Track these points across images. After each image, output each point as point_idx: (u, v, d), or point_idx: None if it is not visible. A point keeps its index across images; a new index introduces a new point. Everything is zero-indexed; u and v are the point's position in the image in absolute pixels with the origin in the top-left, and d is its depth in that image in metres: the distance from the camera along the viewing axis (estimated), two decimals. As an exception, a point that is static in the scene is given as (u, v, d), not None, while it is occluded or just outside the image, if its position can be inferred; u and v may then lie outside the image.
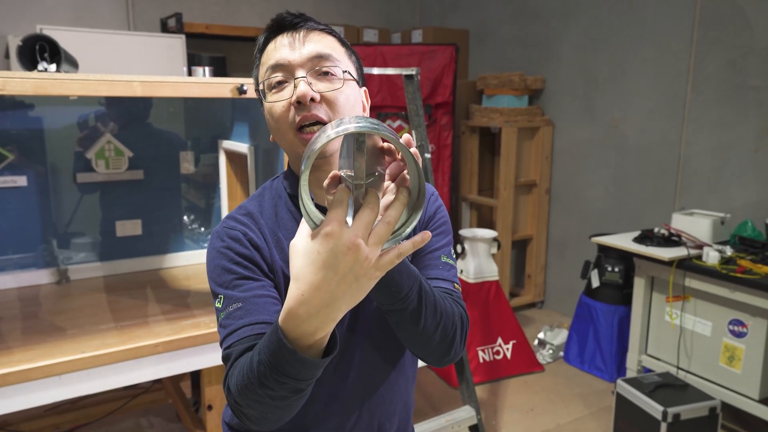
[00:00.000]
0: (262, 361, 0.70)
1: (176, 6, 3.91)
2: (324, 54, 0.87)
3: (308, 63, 0.87)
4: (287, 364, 0.67)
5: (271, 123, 0.90)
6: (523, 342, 3.19)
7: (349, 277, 0.63)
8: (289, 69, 0.87)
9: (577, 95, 3.69)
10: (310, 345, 0.68)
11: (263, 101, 0.91)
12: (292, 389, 0.70)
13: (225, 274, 0.87)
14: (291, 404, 0.74)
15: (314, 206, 0.65)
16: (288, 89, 0.87)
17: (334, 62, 0.88)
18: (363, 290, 0.66)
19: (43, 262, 2.15)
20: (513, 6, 4.10)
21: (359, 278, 0.64)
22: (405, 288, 0.77)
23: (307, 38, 0.88)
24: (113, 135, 2.18)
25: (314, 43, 0.88)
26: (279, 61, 0.87)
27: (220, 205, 2.32)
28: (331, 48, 0.89)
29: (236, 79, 1.62)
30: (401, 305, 0.78)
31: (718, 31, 2.89)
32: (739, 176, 2.85)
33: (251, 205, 0.96)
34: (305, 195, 0.64)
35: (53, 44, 1.64)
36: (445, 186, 3.93)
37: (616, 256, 3.05)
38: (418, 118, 2.29)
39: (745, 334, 2.34)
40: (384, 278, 0.74)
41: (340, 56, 0.90)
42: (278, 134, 0.90)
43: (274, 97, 0.88)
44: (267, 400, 0.72)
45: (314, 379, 0.72)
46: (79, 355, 1.49)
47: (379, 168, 0.68)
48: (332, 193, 0.65)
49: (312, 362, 0.68)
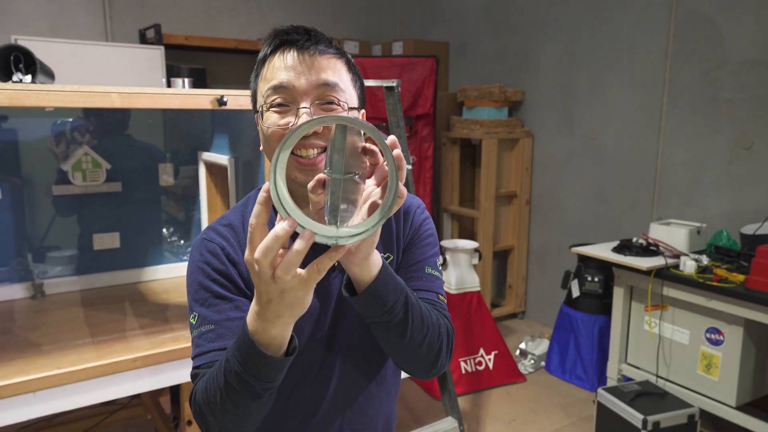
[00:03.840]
0: (229, 359, 0.73)
1: (155, 17, 3.89)
2: (331, 83, 0.84)
3: (314, 92, 0.83)
4: (250, 361, 0.71)
5: (266, 141, 0.88)
6: (505, 352, 3.19)
7: (274, 297, 0.66)
8: (293, 94, 0.83)
9: (556, 107, 3.75)
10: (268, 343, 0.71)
11: (260, 117, 0.87)
12: (252, 392, 0.73)
13: (201, 290, 0.88)
14: (251, 412, 0.76)
15: (287, 193, 0.63)
16: (289, 116, 0.84)
17: (339, 93, 0.85)
18: (298, 303, 0.67)
19: (18, 277, 2.10)
20: (493, 19, 4.16)
21: (285, 295, 0.65)
22: (390, 300, 0.77)
23: (316, 63, 0.84)
24: (90, 147, 2.15)
25: (322, 70, 0.84)
26: (283, 84, 0.83)
27: (200, 218, 2.30)
28: (339, 77, 0.86)
29: (216, 91, 1.62)
30: (386, 318, 0.78)
31: (692, 44, 2.96)
32: (715, 187, 2.91)
33: (233, 216, 0.95)
34: (280, 178, 0.62)
35: (28, 55, 1.62)
36: (427, 197, 3.95)
37: (595, 266, 3.08)
38: (398, 130, 2.30)
39: (721, 342, 2.38)
40: (369, 290, 0.74)
41: (345, 85, 0.87)
42: (271, 153, 0.87)
43: (274, 120, 0.84)
44: (229, 405, 0.75)
45: (272, 386, 0.74)
46: (54, 371, 1.45)
47: (358, 170, 0.67)
48: (319, 194, 0.66)
49: (271, 359, 0.70)
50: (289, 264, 0.62)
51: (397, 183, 0.63)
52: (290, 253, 0.61)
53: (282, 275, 0.62)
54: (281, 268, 0.62)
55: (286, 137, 0.61)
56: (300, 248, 0.61)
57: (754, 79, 2.71)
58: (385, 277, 0.76)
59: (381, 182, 0.69)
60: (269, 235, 0.61)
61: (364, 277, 0.74)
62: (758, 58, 2.70)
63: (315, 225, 0.63)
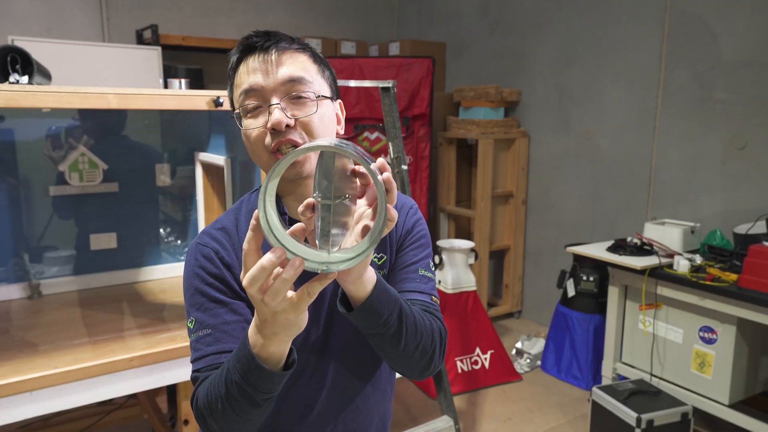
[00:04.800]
0: (231, 369, 0.75)
1: (152, 18, 3.90)
2: (296, 77, 0.87)
3: (281, 88, 0.87)
4: (250, 373, 0.73)
5: (248, 145, 0.91)
6: (501, 352, 3.21)
7: (268, 318, 0.68)
8: (263, 94, 0.87)
9: (551, 107, 3.76)
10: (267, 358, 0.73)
11: (239, 124, 0.91)
12: (252, 402, 0.75)
13: (197, 295, 0.90)
14: (251, 418, 0.79)
15: (278, 219, 0.64)
16: (263, 116, 0.87)
17: (307, 85, 0.88)
18: (291, 324, 0.68)
19: (15, 277, 2.11)
20: (489, 20, 4.17)
21: (277, 317, 0.67)
22: (385, 314, 0.78)
23: (279, 61, 0.87)
24: (87, 147, 2.16)
25: (287, 66, 0.87)
26: (252, 86, 0.87)
27: (197, 218, 2.30)
28: (304, 69, 0.89)
29: (213, 92, 1.63)
30: (381, 330, 0.79)
31: (686, 45, 2.98)
32: (708, 187, 2.92)
33: (227, 219, 0.97)
34: (270, 205, 0.63)
35: (25, 56, 1.62)
36: (423, 197, 3.96)
37: (590, 265, 3.10)
38: (395, 130, 2.31)
39: (714, 341, 2.40)
40: (364, 306, 0.76)
41: (312, 76, 0.90)
42: (254, 155, 0.91)
43: (250, 123, 0.88)
44: (230, 412, 0.77)
45: (271, 396, 0.76)
46: (51, 371, 1.46)
47: (348, 191, 0.68)
48: (308, 218, 0.67)
49: (269, 373, 0.72)
50: (276, 291, 0.63)
51: (386, 207, 0.63)
52: (278, 280, 0.63)
53: (269, 301, 0.64)
54: (269, 295, 0.64)
55: (275, 166, 0.62)
56: (287, 277, 0.62)
57: (747, 79, 2.73)
58: (380, 293, 0.77)
59: (372, 203, 0.69)
60: (256, 266, 0.63)
61: (359, 294, 0.75)
62: (751, 58, 2.71)
63: (305, 251, 0.64)
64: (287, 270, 0.62)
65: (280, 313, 0.66)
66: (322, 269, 0.64)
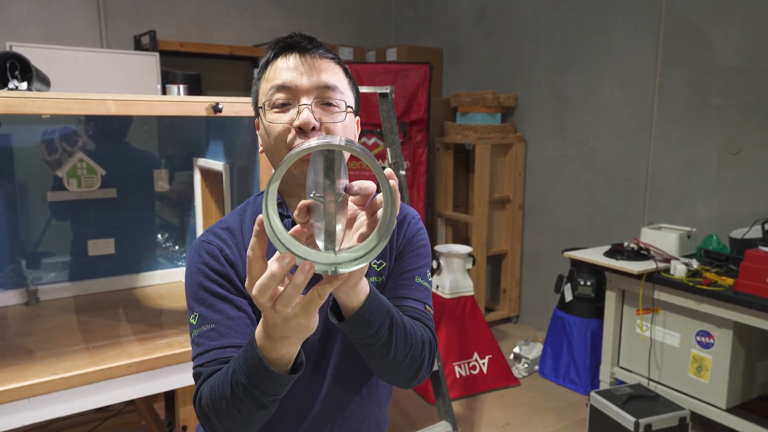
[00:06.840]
0: (237, 371, 0.75)
1: (150, 23, 3.91)
2: (331, 85, 0.89)
3: (315, 91, 0.88)
4: (257, 376, 0.72)
5: (267, 140, 0.91)
6: (499, 356, 3.21)
7: (278, 323, 0.66)
8: (295, 93, 0.88)
9: (548, 113, 3.78)
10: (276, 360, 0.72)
11: (262, 117, 0.91)
12: (258, 403, 0.74)
13: (201, 290, 0.90)
14: (256, 419, 0.78)
15: (280, 222, 0.62)
16: (291, 113, 0.88)
17: (339, 94, 0.90)
18: (302, 327, 0.67)
19: (12, 283, 2.10)
20: (486, 26, 4.19)
21: (288, 321, 0.65)
22: (375, 325, 0.78)
23: (318, 65, 0.89)
24: (85, 153, 2.16)
25: (323, 72, 0.89)
26: (286, 83, 0.88)
27: (195, 223, 2.30)
28: (338, 80, 0.91)
29: (211, 98, 1.63)
30: (371, 341, 0.79)
31: (681, 51, 3.00)
32: (704, 192, 2.94)
33: (232, 219, 0.98)
34: (272, 209, 0.61)
35: (24, 62, 1.62)
36: (421, 202, 3.97)
37: (588, 270, 3.10)
38: (392, 136, 2.32)
39: (711, 345, 2.40)
40: (355, 317, 0.76)
41: (344, 88, 0.92)
42: (272, 150, 0.91)
43: (276, 117, 0.89)
44: (235, 413, 0.77)
45: (278, 397, 0.76)
46: (48, 377, 1.46)
47: (341, 189, 0.66)
48: (306, 221, 0.65)
49: (278, 376, 0.72)
50: (288, 298, 0.62)
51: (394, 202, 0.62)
52: (289, 287, 0.61)
53: (282, 309, 0.62)
54: (281, 302, 0.62)
55: (278, 168, 0.60)
56: (299, 282, 0.60)
57: (742, 85, 2.75)
58: (372, 304, 0.77)
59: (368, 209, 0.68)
60: (266, 274, 0.61)
61: (351, 304, 0.75)
62: (745, 64, 2.73)
63: (313, 254, 0.62)
64: (297, 275, 0.60)
65: (291, 318, 0.65)
66: (330, 270, 0.62)
